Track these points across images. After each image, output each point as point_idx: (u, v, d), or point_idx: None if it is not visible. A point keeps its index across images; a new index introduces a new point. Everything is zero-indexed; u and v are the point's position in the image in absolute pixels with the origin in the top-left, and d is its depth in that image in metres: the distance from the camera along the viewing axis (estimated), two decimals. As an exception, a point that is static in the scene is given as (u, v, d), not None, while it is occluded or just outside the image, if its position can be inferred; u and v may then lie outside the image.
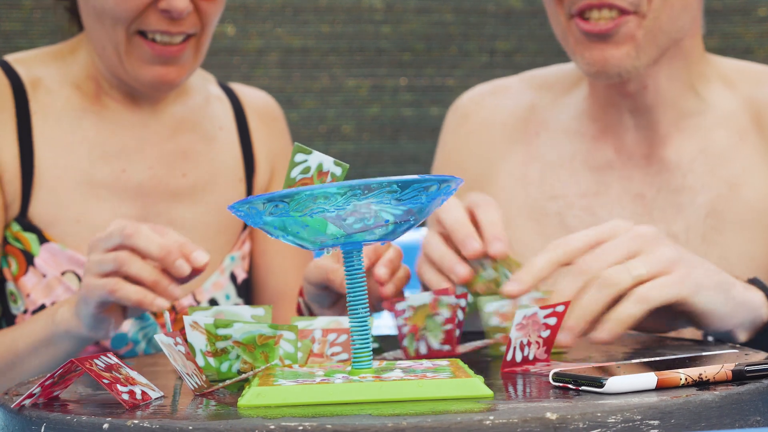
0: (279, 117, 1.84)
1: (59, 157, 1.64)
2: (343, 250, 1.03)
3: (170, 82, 1.61)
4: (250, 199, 1.00)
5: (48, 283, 1.61)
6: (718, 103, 1.62)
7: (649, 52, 1.54)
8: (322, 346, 1.24)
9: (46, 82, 1.67)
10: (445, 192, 1.02)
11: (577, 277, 1.26)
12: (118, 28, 1.57)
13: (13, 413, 1.02)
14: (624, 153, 1.62)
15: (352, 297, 1.04)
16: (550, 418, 0.90)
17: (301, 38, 3.35)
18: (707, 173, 1.59)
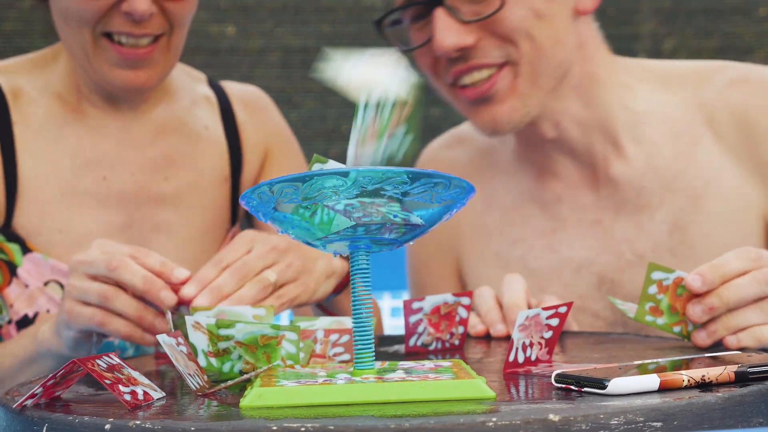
0: (268, 106, 1.82)
1: (42, 166, 1.63)
2: (350, 249, 1.03)
3: (140, 86, 1.59)
4: (261, 184, 0.99)
5: (30, 293, 1.60)
6: (657, 111, 1.59)
7: (534, 96, 1.53)
8: (324, 347, 1.24)
9: (27, 91, 1.66)
10: (455, 197, 1.02)
11: (763, 287, 1.23)
12: (83, 29, 1.56)
13: (14, 413, 1.02)
14: (570, 185, 1.61)
15: (356, 298, 1.03)
16: (552, 420, 0.89)
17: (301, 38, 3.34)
18: (661, 188, 1.56)
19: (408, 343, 1.34)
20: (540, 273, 1.60)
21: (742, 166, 1.56)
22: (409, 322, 1.33)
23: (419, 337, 1.34)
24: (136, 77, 1.58)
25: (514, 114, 1.53)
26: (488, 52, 1.51)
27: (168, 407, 1.01)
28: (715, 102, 1.58)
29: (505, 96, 1.52)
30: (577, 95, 1.57)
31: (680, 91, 1.61)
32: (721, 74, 1.61)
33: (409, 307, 1.33)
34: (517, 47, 1.50)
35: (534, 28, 1.50)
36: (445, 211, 1.03)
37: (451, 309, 1.35)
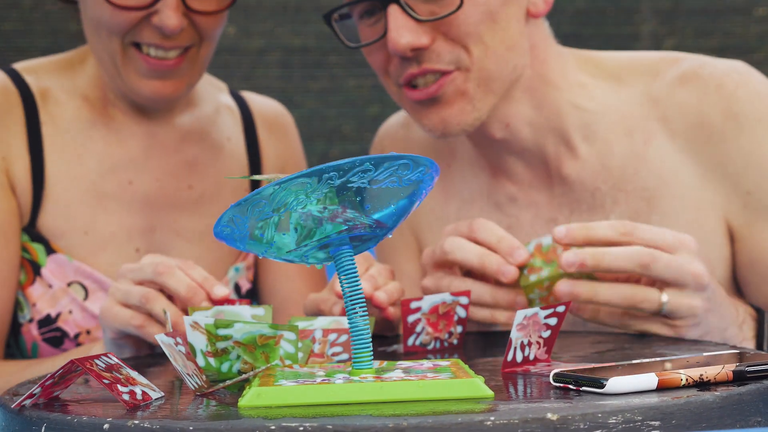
0: (289, 126, 1.83)
1: (68, 168, 1.64)
2: (333, 253, 1.03)
3: (167, 96, 1.60)
4: (230, 207, 0.99)
5: (54, 293, 1.61)
6: (609, 109, 1.57)
7: (486, 100, 1.50)
8: (322, 347, 1.24)
9: (55, 93, 1.67)
10: (422, 176, 1.01)
11: (635, 267, 1.29)
12: (113, 39, 1.56)
13: (13, 413, 1.02)
14: (523, 183, 1.59)
15: (349, 298, 1.03)
16: (550, 419, 0.90)
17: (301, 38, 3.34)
18: (614, 188, 1.55)
19: (406, 342, 1.34)
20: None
21: (698, 164, 1.54)
22: (408, 321, 1.33)
23: (417, 337, 1.34)
24: (163, 87, 1.59)
25: (464, 116, 1.50)
26: (441, 57, 1.47)
27: (166, 407, 1.01)
28: (666, 98, 1.56)
29: (453, 99, 1.49)
30: (529, 97, 1.55)
31: (632, 85, 1.58)
32: (672, 68, 1.58)
33: (407, 307, 1.33)
34: (469, 53, 1.48)
35: (487, 33, 1.47)
36: (414, 195, 1.02)
37: (450, 308, 1.35)
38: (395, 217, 1.03)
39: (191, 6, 1.55)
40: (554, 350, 1.25)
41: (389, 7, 1.46)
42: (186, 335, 1.12)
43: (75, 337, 1.62)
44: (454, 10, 1.45)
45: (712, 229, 1.53)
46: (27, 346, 1.63)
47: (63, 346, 1.62)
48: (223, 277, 1.70)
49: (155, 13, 1.54)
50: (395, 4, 1.46)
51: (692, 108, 1.54)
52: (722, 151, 1.53)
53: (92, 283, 1.61)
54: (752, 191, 1.52)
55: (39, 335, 1.62)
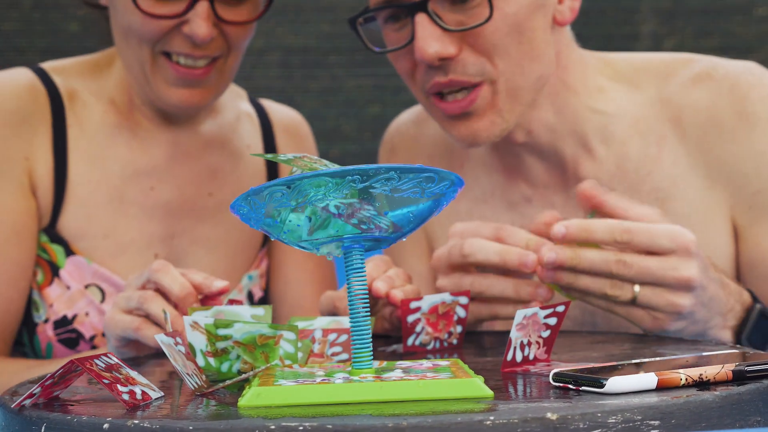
0: (307, 135, 1.83)
1: (92, 171, 1.64)
2: (343, 248, 1.03)
3: (194, 105, 1.60)
4: (250, 191, 0.99)
5: (71, 295, 1.61)
6: (625, 112, 1.58)
7: (513, 111, 1.50)
8: (322, 346, 1.24)
9: (82, 95, 1.67)
10: (445, 190, 1.02)
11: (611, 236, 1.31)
12: (143, 47, 1.57)
13: (13, 413, 1.02)
14: (538, 185, 1.60)
15: (352, 297, 1.04)
16: (550, 419, 0.90)
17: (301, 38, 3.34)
18: (629, 190, 1.55)
19: (406, 342, 1.34)
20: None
21: (708, 164, 1.54)
22: (407, 321, 1.34)
23: (417, 337, 1.34)
24: (190, 96, 1.59)
25: (494, 128, 1.50)
26: (467, 68, 1.47)
27: (166, 407, 1.01)
28: (679, 99, 1.56)
29: (484, 112, 1.49)
30: (550, 102, 1.55)
31: (646, 88, 1.59)
32: (685, 69, 1.58)
33: (406, 307, 1.34)
34: (494, 65, 1.47)
35: (513, 45, 1.47)
36: (434, 206, 1.03)
37: (449, 308, 1.35)
38: (411, 223, 1.03)
39: (222, 16, 1.56)
40: (554, 350, 1.25)
41: (417, 15, 1.46)
42: (185, 335, 1.12)
43: (90, 339, 1.62)
44: (483, 21, 1.45)
45: (719, 228, 1.54)
46: (42, 346, 1.63)
47: (78, 347, 1.62)
48: (237, 285, 1.71)
49: (186, 22, 1.55)
50: (423, 12, 1.45)
51: (704, 108, 1.55)
52: (732, 151, 1.53)
53: (109, 287, 1.62)
54: (762, 191, 1.52)
55: (54, 336, 1.62)
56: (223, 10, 1.56)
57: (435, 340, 1.35)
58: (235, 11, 1.58)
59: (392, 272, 1.40)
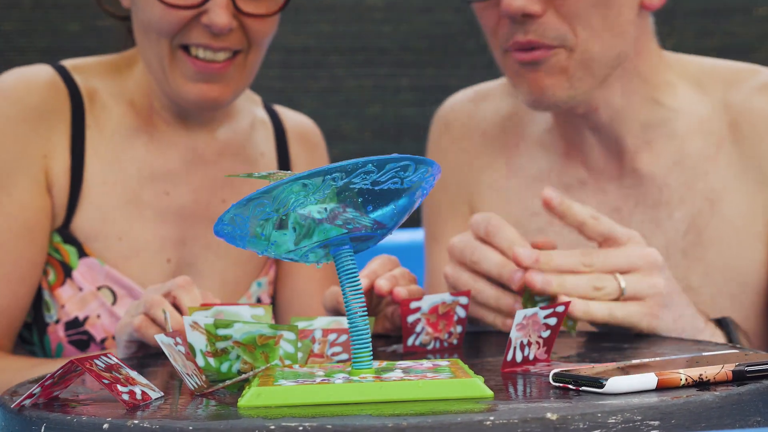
0: (319, 143, 1.83)
1: (108, 173, 1.64)
2: (333, 253, 1.03)
3: (213, 101, 1.60)
4: (232, 207, 0.99)
5: (83, 296, 1.61)
6: (690, 110, 1.60)
7: (584, 81, 1.52)
8: (322, 347, 1.24)
9: (102, 95, 1.67)
10: (423, 177, 1.01)
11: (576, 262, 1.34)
12: (162, 41, 1.57)
13: (13, 413, 1.02)
14: (594, 169, 1.62)
15: (348, 298, 1.03)
16: (550, 419, 0.90)
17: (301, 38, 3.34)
18: (683, 186, 1.57)
19: (406, 342, 1.34)
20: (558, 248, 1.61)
21: (759, 171, 1.57)
22: (407, 321, 1.34)
23: (417, 337, 1.34)
24: (209, 91, 1.58)
25: (560, 91, 1.52)
26: (547, 32, 1.50)
27: (166, 407, 1.01)
28: (741, 105, 1.59)
29: (553, 71, 1.51)
30: (621, 86, 1.58)
31: (712, 91, 1.62)
32: (752, 78, 1.62)
33: (406, 307, 1.34)
34: (576, 34, 1.50)
35: (597, 16, 1.50)
36: (414, 196, 1.03)
37: (449, 308, 1.35)
38: (395, 218, 1.03)
39: (241, 7, 1.56)
40: (554, 350, 1.25)
41: None
42: (185, 335, 1.12)
43: (101, 342, 1.62)
44: None
45: (759, 234, 1.57)
46: (52, 347, 1.63)
47: (89, 349, 1.62)
48: (246, 292, 1.71)
49: (205, 12, 1.55)
50: None
51: (763, 116, 1.58)
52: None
53: (121, 289, 1.62)
54: None
55: (65, 337, 1.62)
56: (242, 2, 1.56)
57: (435, 340, 1.35)
58: (256, 3, 1.57)
59: (397, 271, 1.40)
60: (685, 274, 1.55)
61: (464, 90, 1.80)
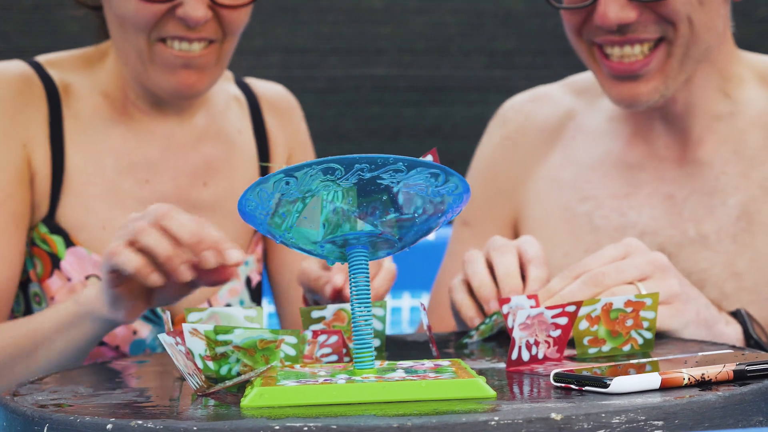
0: (294, 108, 1.84)
1: (88, 163, 1.65)
2: (347, 250, 1.03)
3: (192, 88, 1.60)
4: (259, 181, 0.99)
5: (72, 286, 1.61)
6: (752, 104, 1.62)
7: (678, 78, 1.55)
8: (312, 348, 1.24)
9: (76, 88, 1.67)
10: (450, 193, 1.01)
11: (590, 287, 1.32)
12: (139, 35, 1.57)
13: (15, 414, 1.02)
14: (656, 156, 1.63)
15: (355, 297, 1.03)
16: (554, 419, 0.90)
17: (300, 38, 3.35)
18: (739, 175, 1.59)
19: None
20: (602, 232, 1.62)
21: None
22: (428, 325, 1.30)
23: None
24: (187, 78, 1.59)
25: (655, 94, 1.54)
26: (646, 28, 1.51)
27: (169, 407, 1.01)
28: None
29: (652, 76, 1.53)
30: (699, 77, 1.59)
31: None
32: None
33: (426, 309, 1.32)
34: (676, 28, 1.51)
35: (695, 12, 1.51)
36: (440, 216, 1.02)
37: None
38: (416, 235, 1.03)
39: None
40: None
41: None
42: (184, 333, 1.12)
43: None
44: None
45: None
46: None
47: None
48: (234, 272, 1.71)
49: (180, 5, 1.55)
50: None
51: None
52: None
53: None
54: None
55: None
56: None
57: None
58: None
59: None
60: (733, 259, 1.57)
61: (523, 92, 1.82)
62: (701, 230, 1.58)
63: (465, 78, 3.48)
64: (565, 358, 1.18)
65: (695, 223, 1.59)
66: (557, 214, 1.67)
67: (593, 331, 1.23)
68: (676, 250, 1.59)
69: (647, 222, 1.61)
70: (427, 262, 2.15)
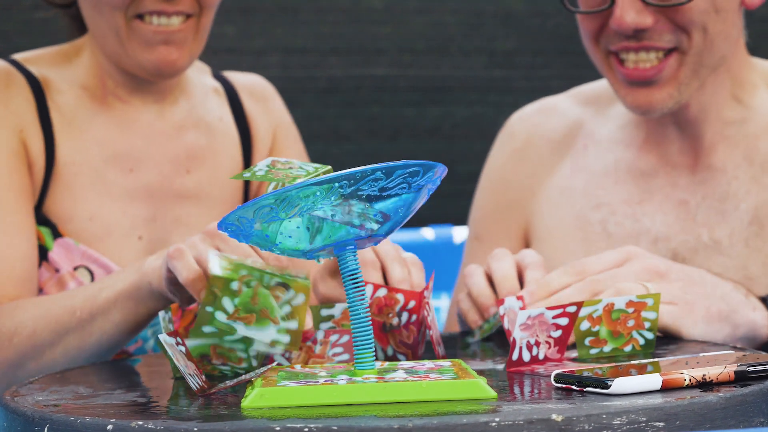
0: (273, 95, 1.85)
1: (74, 154, 1.66)
2: (336, 253, 1.03)
3: (173, 65, 1.61)
4: (238, 209, 0.99)
5: (61, 277, 1.61)
6: (764, 110, 1.62)
7: (691, 85, 1.55)
8: (323, 348, 1.24)
9: (56, 82, 1.68)
10: (430, 180, 1.01)
11: (583, 295, 1.31)
12: (116, 14, 1.58)
13: (15, 414, 1.02)
14: (668, 162, 1.63)
15: (351, 298, 1.03)
16: (555, 420, 0.90)
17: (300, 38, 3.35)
18: (751, 180, 1.60)
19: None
20: (617, 238, 1.62)
21: None
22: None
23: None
24: (168, 53, 1.60)
25: (669, 101, 1.54)
26: (661, 36, 1.51)
27: (170, 407, 1.01)
28: None
29: (666, 83, 1.53)
30: (713, 84, 1.59)
31: None
32: None
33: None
34: (690, 37, 1.51)
35: (710, 21, 1.51)
36: (417, 196, 1.02)
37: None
38: (399, 222, 1.03)
39: None
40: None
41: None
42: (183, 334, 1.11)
43: None
44: (686, 0, 1.49)
45: None
46: None
47: None
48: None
49: None
50: None
51: None
52: None
53: (98, 268, 1.62)
54: None
55: None
56: None
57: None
58: None
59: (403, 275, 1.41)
60: (746, 263, 1.57)
61: (530, 104, 1.82)
62: (714, 235, 1.59)
63: (465, 78, 3.48)
64: (566, 358, 1.19)
65: (708, 229, 1.59)
66: (570, 222, 1.67)
67: (594, 331, 1.23)
68: (690, 256, 1.60)
69: (660, 228, 1.61)
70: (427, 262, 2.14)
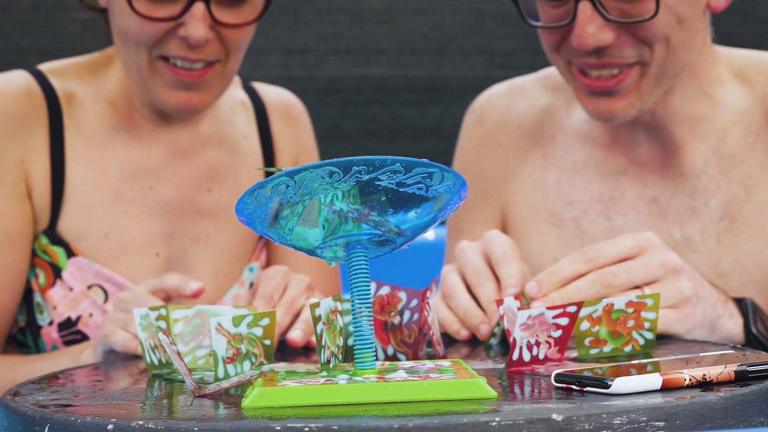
0: (301, 115, 1.83)
1: (90, 172, 1.64)
2: (348, 251, 1.03)
3: (194, 107, 1.59)
4: (256, 185, 0.99)
5: (74, 296, 1.61)
6: (731, 103, 1.61)
7: (654, 94, 1.54)
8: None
9: (80, 97, 1.67)
10: (449, 191, 1.01)
11: (597, 287, 1.31)
12: (140, 52, 1.56)
13: (16, 414, 1.02)
14: (637, 162, 1.63)
15: (355, 298, 1.03)
16: (555, 420, 0.90)
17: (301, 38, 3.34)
18: (720, 175, 1.59)
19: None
20: (590, 237, 1.62)
21: None
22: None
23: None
24: (189, 99, 1.58)
25: (631, 110, 1.53)
26: (623, 51, 1.50)
27: (170, 407, 1.01)
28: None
29: (627, 93, 1.53)
30: (679, 86, 1.59)
31: (754, 82, 1.63)
32: None
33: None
34: (652, 50, 1.50)
35: (673, 33, 1.50)
36: (440, 211, 1.02)
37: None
38: (417, 230, 1.03)
39: (218, 18, 1.54)
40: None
41: (581, 2, 1.47)
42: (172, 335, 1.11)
43: None
44: (649, 18, 1.47)
45: None
46: (47, 348, 1.63)
47: None
48: (238, 278, 1.71)
49: (182, 25, 1.54)
50: (587, 0, 1.47)
51: None
52: None
53: (112, 286, 1.62)
54: None
55: (59, 338, 1.62)
56: (219, 12, 1.55)
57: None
58: (232, 13, 1.56)
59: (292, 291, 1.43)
60: (717, 260, 1.57)
61: (500, 84, 1.80)
62: (686, 232, 1.58)
63: (465, 78, 3.48)
64: (566, 358, 1.18)
65: (680, 226, 1.59)
66: (545, 218, 1.66)
67: (594, 331, 1.23)
68: None
69: (633, 226, 1.61)
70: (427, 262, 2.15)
